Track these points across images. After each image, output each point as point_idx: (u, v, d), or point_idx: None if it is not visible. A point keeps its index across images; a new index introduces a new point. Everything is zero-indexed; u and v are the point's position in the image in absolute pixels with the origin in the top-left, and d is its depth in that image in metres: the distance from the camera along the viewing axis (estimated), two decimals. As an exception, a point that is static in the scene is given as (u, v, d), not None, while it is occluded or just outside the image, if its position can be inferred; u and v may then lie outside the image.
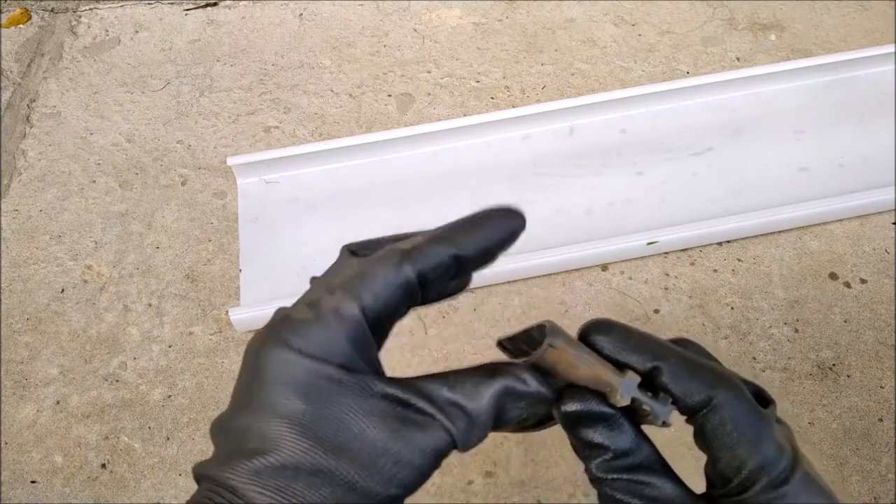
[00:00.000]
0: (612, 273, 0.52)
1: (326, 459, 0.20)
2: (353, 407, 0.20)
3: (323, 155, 0.56)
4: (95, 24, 0.70)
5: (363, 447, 0.20)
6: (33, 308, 0.52)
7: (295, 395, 0.20)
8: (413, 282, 0.21)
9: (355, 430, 0.20)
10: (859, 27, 0.65)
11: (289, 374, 0.20)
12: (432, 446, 0.20)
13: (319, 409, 0.20)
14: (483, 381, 0.21)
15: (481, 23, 0.68)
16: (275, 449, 0.20)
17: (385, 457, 0.20)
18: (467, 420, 0.21)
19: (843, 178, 0.54)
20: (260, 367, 0.21)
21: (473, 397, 0.21)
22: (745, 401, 0.21)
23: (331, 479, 0.19)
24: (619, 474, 0.22)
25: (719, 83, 0.58)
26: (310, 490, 0.19)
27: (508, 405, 0.21)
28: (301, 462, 0.19)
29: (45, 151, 0.61)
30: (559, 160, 0.56)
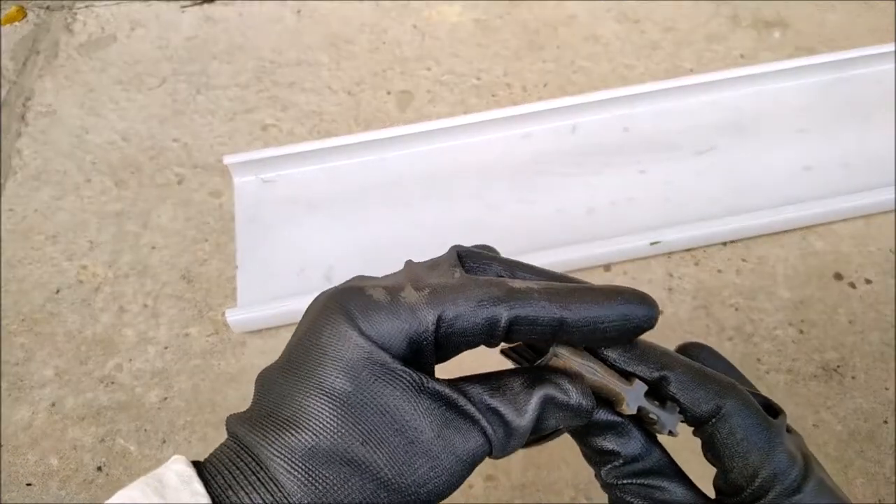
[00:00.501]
0: (615, 273, 0.51)
1: (363, 450, 0.19)
2: (401, 401, 0.19)
3: (321, 153, 0.55)
4: (91, 21, 0.69)
5: (402, 444, 0.19)
6: (28, 309, 0.51)
7: (344, 375, 0.19)
8: (501, 325, 0.20)
9: (397, 426, 0.19)
10: (864, 25, 0.64)
11: (343, 350, 0.19)
12: (471, 452, 0.20)
13: (365, 395, 0.19)
14: (525, 388, 0.20)
15: (482, 19, 0.67)
16: (310, 426, 0.19)
17: (423, 458, 0.19)
18: (506, 429, 0.20)
19: (847, 178, 0.54)
20: (317, 332, 0.20)
21: (515, 406, 0.20)
22: (755, 409, 0.21)
23: (362, 471, 0.19)
24: (630, 479, 0.21)
25: (723, 81, 0.57)
26: (339, 480, 0.18)
27: (547, 415, 0.20)
28: (335, 447, 0.19)
29: (40, 150, 0.60)
30: (561, 158, 0.56)
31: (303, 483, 0.18)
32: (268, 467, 0.19)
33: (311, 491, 0.18)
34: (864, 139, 0.56)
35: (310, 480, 0.18)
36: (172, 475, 0.19)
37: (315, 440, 0.19)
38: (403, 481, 0.19)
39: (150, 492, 0.19)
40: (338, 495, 0.18)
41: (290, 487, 0.18)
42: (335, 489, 0.18)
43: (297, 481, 0.18)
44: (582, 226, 0.52)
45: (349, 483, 0.18)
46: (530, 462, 0.44)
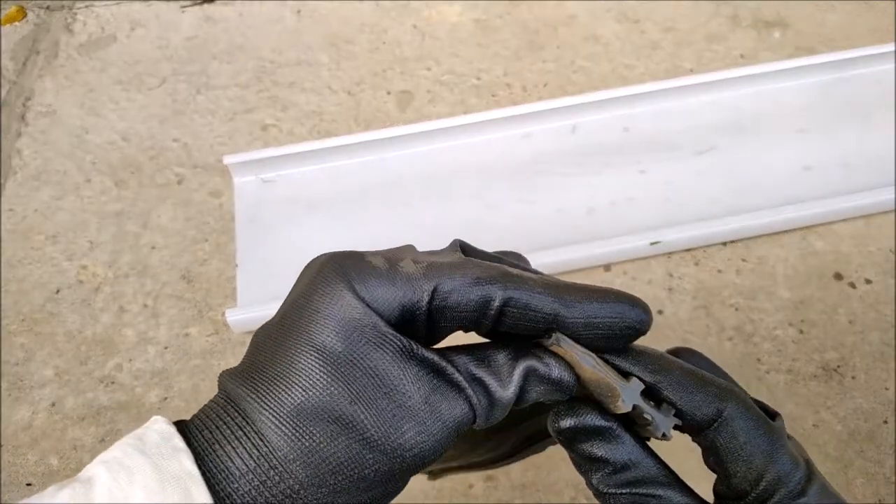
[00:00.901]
0: (615, 274, 0.51)
1: (351, 409, 0.19)
2: (390, 365, 0.19)
3: (321, 153, 0.55)
4: (91, 21, 0.69)
5: (390, 407, 0.19)
6: (28, 309, 0.51)
7: (336, 335, 0.19)
8: (494, 304, 0.20)
9: (386, 388, 0.19)
10: (864, 25, 0.64)
11: (337, 310, 0.19)
12: (456, 420, 0.20)
13: (356, 356, 0.19)
14: (509, 360, 0.21)
15: (482, 19, 0.67)
16: (300, 382, 0.19)
17: (410, 422, 0.19)
18: (490, 399, 0.20)
19: (848, 178, 0.53)
20: (312, 292, 0.20)
21: (499, 376, 0.20)
22: (755, 412, 0.21)
23: (350, 430, 0.19)
24: (622, 488, 0.21)
25: (723, 81, 0.57)
26: (326, 437, 0.18)
27: (529, 387, 0.21)
28: (324, 405, 0.19)
29: (40, 150, 0.60)
30: (561, 158, 0.56)
31: (289, 438, 0.18)
32: (254, 421, 0.19)
33: (297, 446, 0.18)
34: (864, 139, 0.56)
35: (296, 436, 0.18)
36: (153, 434, 0.19)
37: (304, 396, 0.19)
38: (389, 443, 0.19)
39: (130, 450, 0.19)
40: (324, 452, 0.18)
41: (277, 442, 0.18)
42: (322, 446, 0.18)
43: (284, 436, 0.18)
44: (582, 226, 0.52)
45: (336, 441, 0.19)
46: (530, 462, 0.44)
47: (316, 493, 0.18)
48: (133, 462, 0.18)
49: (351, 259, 0.21)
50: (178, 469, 0.18)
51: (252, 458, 0.18)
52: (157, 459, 0.18)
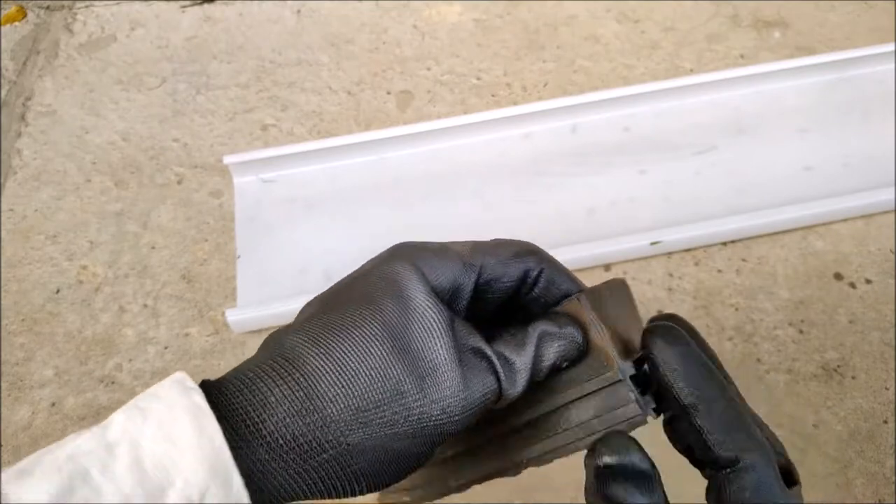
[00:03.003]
0: (615, 274, 0.51)
1: (395, 365, 0.20)
2: (437, 334, 0.21)
3: (321, 153, 0.55)
4: (91, 21, 0.69)
5: (427, 369, 0.21)
6: (28, 309, 0.51)
7: (392, 300, 0.21)
8: (532, 275, 0.23)
9: (430, 355, 0.21)
10: (864, 25, 0.64)
11: (397, 280, 0.22)
12: (482, 391, 0.21)
13: (408, 320, 0.21)
14: (521, 329, 0.23)
15: (482, 19, 0.67)
16: (353, 333, 0.21)
17: (443, 384, 0.21)
18: (510, 367, 0.22)
19: (848, 178, 0.53)
20: (378, 268, 0.23)
21: (516, 348, 0.22)
22: (774, 474, 0.20)
23: (387, 380, 0.20)
24: None
25: (723, 81, 0.57)
26: (369, 384, 0.20)
27: (544, 346, 0.22)
28: (370, 354, 0.20)
29: (40, 150, 0.60)
30: (561, 159, 0.56)
31: (331, 376, 0.20)
32: (299, 359, 0.20)
33: (337, 383, 0.20)
34: (864, 139, 0.56)
35: (339, 375, 0.20)
36: (167, 381, 0.20)
37: (352, 345, 0.21)
38: (425, 405, 0.21)
39: (145, 396, 0.20)
40: (362, 394, 0.20)
41: (319, 378, 0.20)
42: (361, 389, 0.20)
43: (327, 373, 0.20)
44: (582, 226, 0.52)
45: (374, 386, 0.20)
46: (530, 462, 0.44)
47: (346, 429, 0.20)
48: (146, 404, 0.19)
49: (410, 244, 0.24)
50: (189, 404, 0.19)
51: (291, 389, 0.20)
52: (168, 400, 0.19)
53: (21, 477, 0.18)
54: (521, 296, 0.24)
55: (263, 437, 0.19)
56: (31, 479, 0.18)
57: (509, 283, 0.23)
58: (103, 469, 0.18)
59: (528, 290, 0.24)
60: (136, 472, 0.18)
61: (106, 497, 0.18)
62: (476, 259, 0.23)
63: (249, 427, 0.19)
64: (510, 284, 0.23)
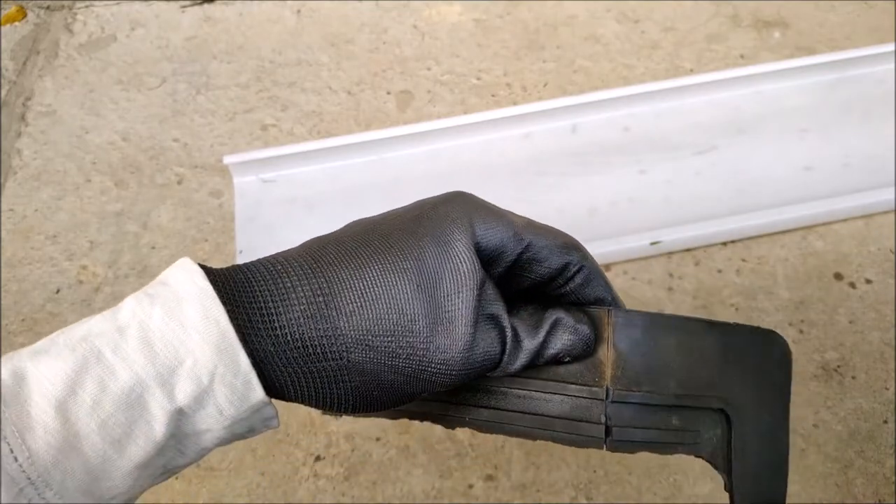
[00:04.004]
0: (616, 273, 0.51)
1: (415, 302, 0.21)
2: (466, 288, 0.21)
3: (321, 153, 0.55)
4: (91, 21, 0.69)
5: (442, 320, 0.21)
6: (28, 309, 0.51)
7: (434, 240, 0.22)
8: (571, 271, 0.24)
9: (451, 307, 0.21)
10: (864, 25, 0.64)
11: (446, 223, 0.22)
12: (485, 354, 0.22)
13: (442, 266, 0.21)
14: (538, 310, 0.23)
15: (482, 19, 0.67)
16: (387, 257, 0.21)
17: (452, 338, 0.21)
18: (517, 344, 0.22)
19: (847, 178, 0.53)
20: (434, 206, 0.23)
21: (530, 328, 0.23)
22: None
23: (402, 315, 0.21)
24: None
25: (723, 81, 0.57)
26: (386, 311, 0.21)
27: (554, 334, 0.23)
28: (396, 283, 0.21)
29: (40, 150, 0.60)
30: (561, 159, 0.56)
31: (354, 294, 0.21)
32: (328, 269, 0.21)
33: (356, 302, 0.21)
34: (864, 139, 0.56)
35: (361, 297, 0.21)
36: (173, 268, 0.21)
37: (381, 272, 0.21)
38: (427, 343, 0.21)
39: (154, 282, 0.20)
40: (375, 319, 0.21)
41: (342, 294, 0.21)
42: (375, 313, 0.21)
43: (350, 290, 0.21)
44: (582, 226, 0.52)
45: (388, 317, 0.21)
46: (530, 462, 0.44)
47: (351, 345, 0.20)
48: (154, 290, 0.20)
49: (473, 197, 0.24)
50: (194, 288, 0.20)
51: (312, 292, 0.20)
52: (175, 285, 0.20)
53: (37, 356, 0.19)
54: (553, 287, 0.24)
55: (274, 331, 0.20)
56: (46, 358, 0.18)
57: (548, 271, 0.24)
58: (115, 349, 0.19)
59: (562, 283, 0.24)
60: (147, 351, 0.19)
61: (119, 375, 0.18)
62: (527, 234, 0.23)
63: (264, 317, 0.20)
64: (548, 272, 0.24)
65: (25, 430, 0.17)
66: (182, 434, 0.19)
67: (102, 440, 0.18)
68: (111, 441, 0.18)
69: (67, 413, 0.18)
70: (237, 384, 0.19)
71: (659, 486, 0.42)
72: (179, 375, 0.19)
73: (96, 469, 0.18)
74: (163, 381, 0.19)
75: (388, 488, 0.43)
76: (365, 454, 0.44)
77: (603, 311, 0.23)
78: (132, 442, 0.18)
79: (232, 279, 0.21)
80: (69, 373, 0.18)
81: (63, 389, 0.18)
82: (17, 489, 0.17)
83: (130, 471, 0.19)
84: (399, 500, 0.43)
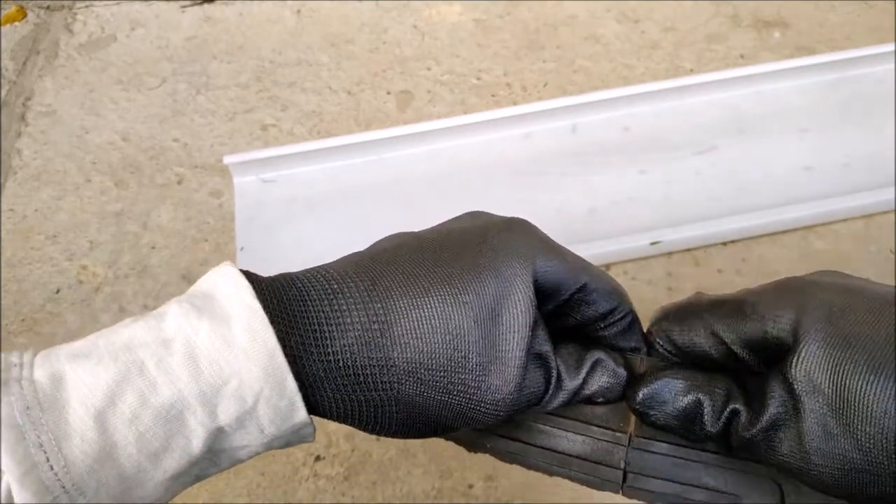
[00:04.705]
0: (615, 273, 0.51)
1: (471, 340, 0.20)
2: (521, 330, 0.21)
3: (321, 153, 0.55)
4: (91, 21, 0.69)
5: (499, 361, 0.21)
6: (28, 309, 0.51)
7: (496, 277, 0.21)
8: (617, 316, 0.23)
9: (505, 347, 0.21)
10: (864, 25, 0.64)
11: (508, 261, 0.21)
12: (529, 396, 0.22)
13: (501, 305, 0.21)
14: (578, 351, 0.23)
15: (482, 19, 0.67)
16: (448, 289, 0.20)
17: (506, 383, 0.21)
18: (559, 388, 0.22)
19: (848, 178, 0.53)
20: (497, 235, 0.22)
21: (571, 369, 0.23)
22: None
23: (460, 354, 0.20)
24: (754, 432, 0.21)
25: (723, 81, 0.57)
26: (442, 346, 0.20)
27: (592, 378, 0.23)
28: (454, 318, 0.20)
29: (40, 150, 0.60)
30: (561, 158, 0.56)
31: (410, 323, 0.20)
32: (388, 296, 0.20)
33: (412, 333, 0.20)
34: (864, 139, 0.56)
35: (417, 328, 0.20)
36: (217, 277, 0.20)
37: (441, 305, 0.20)
38: (480, 381, 0.20)
39: (198, 292, 0.20)
40: (430, 352, 0.20)
41: (398, 322, 0.20)
42: (431, 345, 0.20)
43: (406, 319, 0.20)
44: (582, 226, 0.52)
45: (443, 351, 0.20)
46: (530, 462, 0.44)
47: (403, 377, 0.20)
48: (202, 302, 0.19)
49: (537, 231, 0.23)
50: (242, 304, 0.19)
51: (368, 319, 0.20)
52: (222, 298, 0.19)
53: (76, 359, 0.18)
54: (594, 329, 0.24)
55: (327, 356, 0.19)
56: (87, 363, 0.18)
57: (595, 313, 0.23)
58: (159, 362, 0.18)
59: (604, 327, 0.24)
60: (192, 368, 0.18)
61: (161, 390, 0.18)
62: (582, 277, 0.23)
63: (317, 340, 0.19)
64: (595, 315, 0.23)
65: (63, 439, 0.17)
66: (219, 448, 0.19)
67: (139, 452, 0.18)
68: (148, 454, 0.18)
69: (106, 424, 0.17)
70: (281, 406, 0.19)
71: (659, 486, 0.42)
72: (223, 395, 0.18)
73: (130, 479, 0.18)
74: (205, 399, 0.18)
75: (388, 488, 0.43)
76: (365, 454, 0.44)
77: (638, 359, 0.24)
78: (168, 455, 0.18)
79: (284, 294, 0.20)
80: (110, 383, 0.18)
81: (103, 399, 0.18)
82: (51, 497, 0.17)
83: (164, 481, 0.19)
84: (399, 500, 0.43)
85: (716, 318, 0.22)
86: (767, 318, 0.21)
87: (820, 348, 0.20)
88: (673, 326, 0.23)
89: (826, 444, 0.19)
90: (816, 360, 0.20)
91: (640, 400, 0.22)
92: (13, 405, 0.17)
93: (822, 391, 0.19)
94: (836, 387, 0.19)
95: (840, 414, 0.19)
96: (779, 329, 0.21)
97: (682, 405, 0.22)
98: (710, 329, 0.22)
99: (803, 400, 0.19)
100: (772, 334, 0.21)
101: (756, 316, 0.22)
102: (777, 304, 0.21)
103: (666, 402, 0.22)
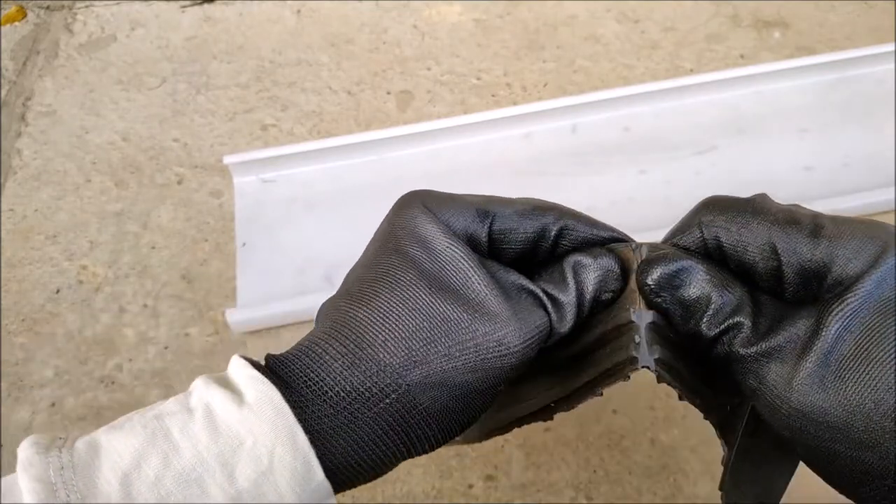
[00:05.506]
0: (615, 273, 0.51)
1: (437, 302, 0.21)
2: (468, 270, 0.21)
3: (321, 153, 0.55)
4: (91, 21, 0.69)
5: (475, 305, 0.21)
6: (28, 309, 0.51)
7: (417, 245, 0.22)
8: (551, 232, 0.23)
9: (469, 292, 0.21)
10: (864, 25, 0.64)
11: (414, 226, 0.22)
12: (535, 323, 0.21)
13: (436, 262, 0.21)
14: (558, 265, 0.23)
15: (482, 19, 0.67)
16: (388, 280, 0.21)
17: (496, 320, 0.20)
18: (559, 307, 0.22)
19: (848, 178, 0.53)
20: (395, 220, 0.23)
21: (558, 285, 0.22)
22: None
23: (437, 320, 0.20)
24: (754, 347, 0.20)
25: (723, 81, 0.57)
26: (416, 324, 0.20)
27: (583, 278, 0.22)
28: (409, 297, 0.21)
29: (40, 150, 0.60)
30: (561, 158, 0.56)
31: (382, 326, 0.21)
32: (353, 319, 0.21)
33: (388, 334, 0.20)
34: (864, 139, 0.56)
35: (388, 327, 0.21)
36: (231, 366, 0.21)
37: (398, 295, 0.21)
38: (471, 332, 0.21)
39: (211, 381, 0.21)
40: (416, 342, 0.20)
41: (371, 332, 0.21)
42: (414, 333, 0.20)
43: (376, 324, 0.21)
44: (582, 226, 0.52)
45: (422, 330, 0.21)
46: (530, 462, 0.44)
47: (402, 370, 0.20)
48: (217, 377, 0.21)
49: (424, 193, 0.24)
50: (248, 373, 0.20)
51: (342, 345, 0.21)
52: (232, 372, 0.21)
53: (112, 430, 0.20)
54: (543, 251, 0.23)
55: (325, 394, 0.20)
56: (120, 433, 0.20)
57: (524, 236, 0.23)
58: (182, 427, 0.19)
59: (552, 245, 0.23)
60: (211, 430, 0.19)
61: (183, 453, 0.19)
62: (489, 207, 0.23)
63: (311, 387, 0.20)
64: (526, 236, 0.23)
65: (89, 499, 0.18)
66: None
67: None
68: None
69: (130, 487, 0.18)
70: (297, 466, 0.19)
71: (659, 486, 0.42)
72: (240, 456, 0.19)
73: None
74: (224, 460, 0.19)
75: (388, 488, 0.43)
76: (365, 454, 0.44)
77: (627, 247, 0.23)
78: None
79: (268, 367, 0.21)
80: (138, 447, 0.19)
81: (130, 463, 0.19)
82: None
83: None
84: (399, 500, 0.43)
85: (783, 234, 0.20)
86: (842, 254, 0.19)
87: (881, 302, 0.18)
88: (726, 222, 0.22)
89: (813, 388, 0.18)
90: (871, 310, 0.18)
91: (656, 277, 0.22)
92: (49, 465, 0.19)
93: (851, 340, 0.18)
94: (867, 342, 0.18)
95: (847, 367, 0.18)
96: (850, 268, 0.19)
97: (693, 294, 0.21)
98: (770, 241, 0.21)
99: (824, 336, 0.18)
100: (837, 271, 0.19)
101: (830, 247, 0.19)
102: (860, 245, 0.19)
103: (678, 288, 0.21)
